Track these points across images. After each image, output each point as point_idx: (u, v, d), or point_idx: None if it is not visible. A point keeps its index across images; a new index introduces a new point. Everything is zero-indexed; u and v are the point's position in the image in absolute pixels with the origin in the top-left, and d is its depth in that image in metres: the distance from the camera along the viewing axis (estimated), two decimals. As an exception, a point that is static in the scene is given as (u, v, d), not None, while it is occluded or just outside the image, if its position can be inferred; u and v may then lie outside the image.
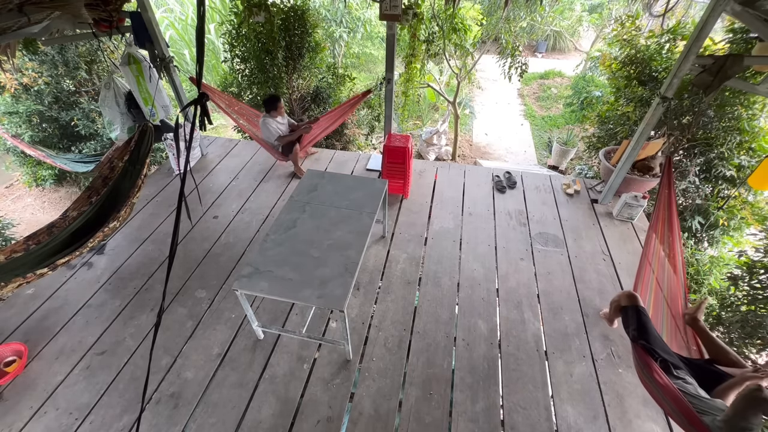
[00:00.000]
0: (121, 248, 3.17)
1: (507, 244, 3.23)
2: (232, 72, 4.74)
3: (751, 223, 3.54)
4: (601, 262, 3.07)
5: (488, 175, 4.05)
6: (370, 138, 5.78)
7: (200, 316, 2.64)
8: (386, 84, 3.50)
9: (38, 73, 4.31)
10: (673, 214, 2.41)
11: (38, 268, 2.14)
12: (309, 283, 2.00)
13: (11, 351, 2.38)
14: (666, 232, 2.41)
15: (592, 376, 2.32)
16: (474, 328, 2.58)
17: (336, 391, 2.22)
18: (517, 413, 2.15)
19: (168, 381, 2.27)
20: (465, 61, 5.77)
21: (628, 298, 2.13)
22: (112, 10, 2.93)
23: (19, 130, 4.42)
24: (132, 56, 3.23)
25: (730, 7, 2.37)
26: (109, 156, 2.89)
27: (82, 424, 2.09)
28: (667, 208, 2.45)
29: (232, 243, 3.22)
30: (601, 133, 4.44)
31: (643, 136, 3.06)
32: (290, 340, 2.48)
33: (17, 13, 2.30)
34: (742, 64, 2.44)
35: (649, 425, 2.10)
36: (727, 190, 3.62)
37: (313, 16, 4.49)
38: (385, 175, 3.58)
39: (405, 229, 3.36)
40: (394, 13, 2.94)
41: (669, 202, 2.44)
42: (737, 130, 3.38)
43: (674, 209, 2.43)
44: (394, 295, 2.79)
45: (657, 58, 3.77)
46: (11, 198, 5.59)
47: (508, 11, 5.42)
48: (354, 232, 2.31)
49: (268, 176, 4.04)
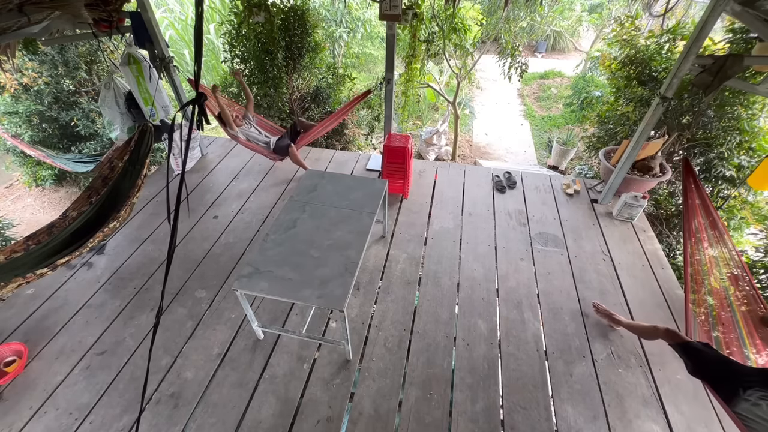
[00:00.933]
0: (121, 248, 3.17)
1: (507, 244, 3.23)
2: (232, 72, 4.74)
3: (751, 223, 3.54)
4: (601, 262, 3.07)
5: (488, 175, 4.05)
6: (370, 138, 5.78)
7: (200, 316, 2.64)
8: (386, 84, 3.50)
9: (38, 73, 4.31)
10: (714, 214, 2.42)
11: (38, 268, 2.14)
12: (309, 283, 2.00)
13: (11, 351, 2.38)
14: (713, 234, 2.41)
15: (592, 376, 2.32)
16: (474, 328, 2.58)
17: (336, 391, 2.22)
18: (517, 413, 2.15)
19: (168, 381, 2.27)
20: (465, 61, 5.77)
21: (667, 336, 1.96)
22: (112, 10, 2.93)
23: (19, 130, 4.42)
24: (132, 56, 3.23)
25: (730, 7, 2.37)
26: (109, 156, 2.89)
27: (82, 424, 2.09)
28: (703, 210, 2.45)
29: (232, 243, 3.22)
30: (601, 133, 4.44)
31: (643, 136, 3.06)
32: (290, 340, 2.48)
33: (17, 13, 2.30)
34: (742, 64, 2.44)
35: (649, 425, 2.10)
36: (727, 190, 3.62)
37: (313, 16, 4.49)
38: (385, 175, 3.58)
39: (405, 229, 3.36)
40: (394, 13, 2.94)
41: (704, 203, 2.45)
42: (737, 130, 3.38)
43: (711, 208, 2.43)
44: (394, 295, 2.79)
45: (657, 58, 3.77)
46: (11, 198, 5.59)
47: (508, 11, 5.42)
48: (354, 232, 2.31)
49: (268, 176, 4.04)
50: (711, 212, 2.46)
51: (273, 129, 4.05)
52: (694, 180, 2.60)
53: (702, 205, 2.51)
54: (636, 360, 2.40)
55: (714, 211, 2.45)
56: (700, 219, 2.48)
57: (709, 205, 2.48)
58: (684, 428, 2.09)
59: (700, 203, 2.53)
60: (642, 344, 2.48)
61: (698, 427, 2.09)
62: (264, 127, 3.97)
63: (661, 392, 2.24)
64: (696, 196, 2.55)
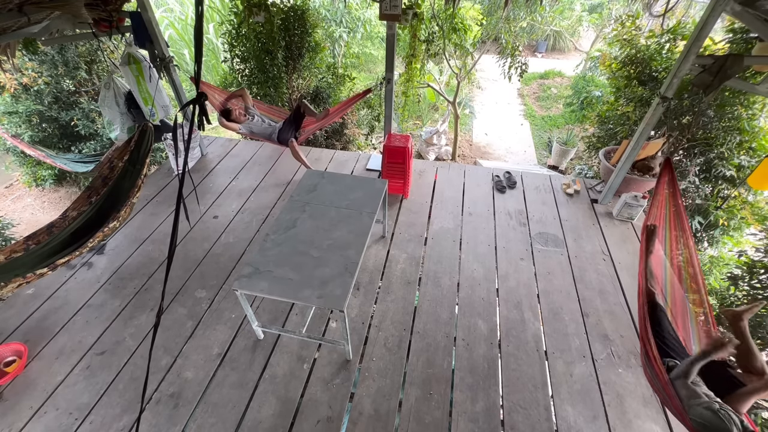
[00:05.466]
0: (121, 248, 3.17)
1: (507, 244, 3.23)
2: (232, 72, 4.74)
3: (751, 223, 3.54)
4: (601, 262, 3.07)
5: (488, 175, 4.05)
6: (370, 138, 5.78)
7: (200, 316, 2.64)
8: (386, 84, 3.50)
9: (38, 73, 4.31)
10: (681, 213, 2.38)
11: (38, 268, 2.14)
12: (309, 283, 2.00)
13: (11, 351, 2.38)
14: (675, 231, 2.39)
15: (592, 376, 2.32)
16: (474, 328, 2.58)
17: (336, 391, 2.22)
18: (517, 413, 2.15)
19: (168, 381, 2.27)
20: (465, 61, 5.77)
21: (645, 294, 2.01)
22: (112, 10, 2.93)
23: (19, 130, 4.42)
24: (132, 56, 3.23)
25: (730, 7, 2.37)
26: (109, 156, 2.89)
27: (82, 424, 2.09)
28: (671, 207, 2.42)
29: (232, 243, 3.22)
30: (601, 133, 4.44)
31: (643, 136, 3.06)
32: (290, 340, 2.48)
33: (17, 13, 2.30)
34: (742, 64, 2.44)
35: (648, 425, 2.10)
36: (727, 190, 3.62)
37: (313, 16, 4.49)
38: (385, 175, 3.58)
39: (405, 229, 3.36)
40: (394, 13, 2.94)
41: (675, 202, 2.42)
42: (737, 130, 3.38)
43: (681, 207, 2.40)
44: (394, 295, 2.79)
45: (657, 58, 3.76)
46: (11, 198, 5.59)
47: (508, 11, 5.42)
48: (354, 232, 2.31)
49: (268, 176, 4.04)
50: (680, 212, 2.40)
51: (277, 113, 4.08)
52: (671, 179, 2.45)
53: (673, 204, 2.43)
54: (636, 360, 2.40)
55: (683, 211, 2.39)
56: (664, 212, 2.43)
57: (680, 206, 2.41)
58: (684, 428, 2.09)
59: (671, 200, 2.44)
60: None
61: (698, 427, 2.09)
62: (267, 112, 4.00)
63: (661, 392, 2.24)
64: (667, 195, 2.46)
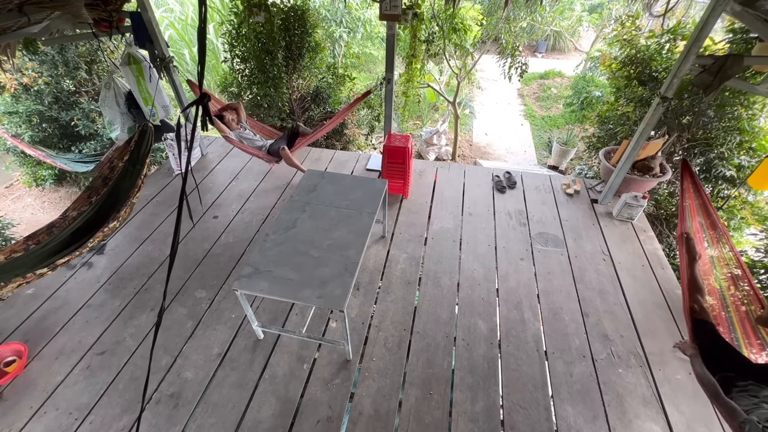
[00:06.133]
0: (121, 248, 3.17)
1: (507, 244, 3.23)
2: (232, 72, 4.74)
3: (751, 223, 3.54)
4: (601, 262, 3.07)
5: (488, 175, 4.05)
6: (370, 138, 5.78)
7: (200, 316, 2.64)
8: (386, 84, 3.50)
9: (38, 73, 4.31)
10: (714, 215, 2.42)
11: (38, 268, 2.14)
12: (309, 283, 2.00)
13: (11, 351, 2.38)
14: (712, 234, 2.42)
15: (592, 376, 2.32)
16: (474, 328, 2.58)
17: (336, 391, 2.22)
18: (517, 413, 2.15)
19: (168, 381, 2.27)
20: (465, 61, 5.77)
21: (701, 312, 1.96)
22: (112, 10, 2.92)
23: (19, 130, 4.42)
24: (132, 56, 3.23)
25: (730, 7, 2.37)
26: (109, 156, 2.89)
27: (82, 424, 2.09)
28: (702, 211, 2.47)
29: (232, 243, 3.22)
30: (601, 133, 4.44)
31: (643, 136, 3.06)
32: (290, 340, 2.48)
33: (17, 13, 2.29)
34: (742, 64, 2.44)
35: (648, 425, 2.10)
36: (727, 190, 3.62)
37: (313, 16, 4.49)
38: (385, 175, 3.58)
39: (405, 229, 3.36)
40: (394, 13, 2.94)
41: (704, 203, 2.46)
42: (737, 130, 3.38)
43: (711, 209, 2.44)
44: (394, 295, 2.79)
45: (657, 58, 3.77)
46: (11, 198, 5.59)
47: (508, 11, 5.42)
48: (354, 232, 2.31)
49: (268, 176, 4.04)
50: (711, 213, 2.46)
51: (268, 132, 4.02)
52: (693, 181, 2.61)
53: (702, 205, 2.51)
54: (636, 360, 2.40)
55: (714, 212, 2.45)
56: (699, 219, 2.48)
57: (708, 206, 2.48)
58: (684, 428, 2.09)
59: (699, 203, 2.53)
60: (642, 344, 2.48)
61: (698, 426, 2.09)
62: (260, 131, 3.96)
63: (661, 392, 2.24)
64: (695, 197, 2.55)
